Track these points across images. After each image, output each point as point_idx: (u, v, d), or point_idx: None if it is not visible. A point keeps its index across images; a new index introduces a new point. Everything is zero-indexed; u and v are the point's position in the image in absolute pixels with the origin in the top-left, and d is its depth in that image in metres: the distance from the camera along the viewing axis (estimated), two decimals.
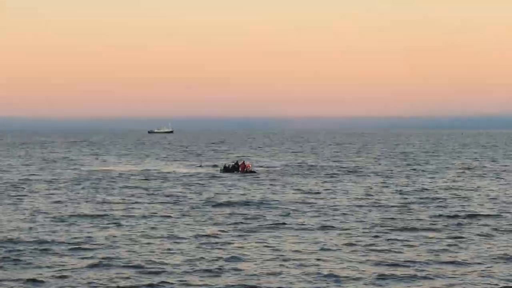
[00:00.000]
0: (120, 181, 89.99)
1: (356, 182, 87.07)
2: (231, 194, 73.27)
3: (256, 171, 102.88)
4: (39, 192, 75.36)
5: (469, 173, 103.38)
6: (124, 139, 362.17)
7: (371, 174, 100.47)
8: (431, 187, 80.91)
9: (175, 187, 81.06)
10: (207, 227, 50.40)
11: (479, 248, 42.34)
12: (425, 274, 35.72)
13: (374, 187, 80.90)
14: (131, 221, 53.53)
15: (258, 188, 78.97)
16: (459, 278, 34.92)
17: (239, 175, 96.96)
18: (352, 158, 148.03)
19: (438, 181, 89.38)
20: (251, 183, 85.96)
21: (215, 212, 58.68)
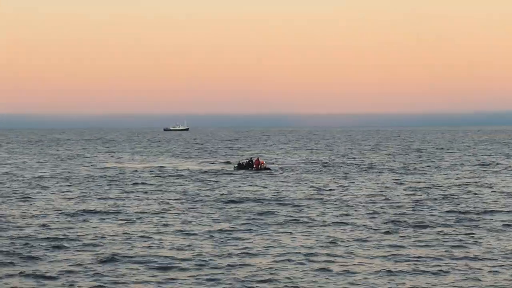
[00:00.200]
0: (134, 177, 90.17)
1: (369, 179, 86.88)
2: (244, 190, 73.28)
3: (270, 168, 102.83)
4: (52, 189, 75.60)
5: (483, 169, 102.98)
6: (139, 136, 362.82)
7: (385, 171, 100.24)
8: (445, 183, 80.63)
9: (189, 184, 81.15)
10: (219, 223, 50.42)
11: (491, 244, 42.14)
12: (437, 269, 35.59)
13: (387, 183, 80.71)
14: (143, 217, 53.61)
15: (271, 185, 78.94)
16: (471, 274, 34.76)
17: (253, 172, 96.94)
18: (367, 155, 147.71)
19: (451, 177, 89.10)
20: (265, 179, 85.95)
21: (228, 208, 58.69)
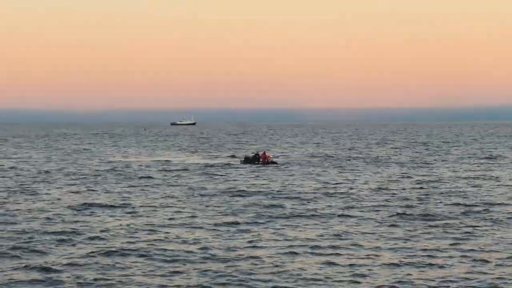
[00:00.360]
0: (140, 171, 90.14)
1: (375, 172, 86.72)
2: (251, 184, 73.16)
3: (277, 161, 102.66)
4: (58, 183, 75.57)
5: (490, 162, 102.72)
6: (146, 130, 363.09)
7: (391, 164, 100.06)
8: (451, 176, 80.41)
9: (195, 177, 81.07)
10: (225, 216, 50.31)
11: (498, 237, 41.95)
12: (443, 262, 35.42)
13: (394, 176, 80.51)
14: (149, 210, 53.55)
15: (278, 178, 78.78)
16: (478, 267, 34.58)
17: (260, 166, 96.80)
18: (373, 149, 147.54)
19: (458, 170, 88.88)
20: (271, 173, 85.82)
21: (235, 202, 58.59)
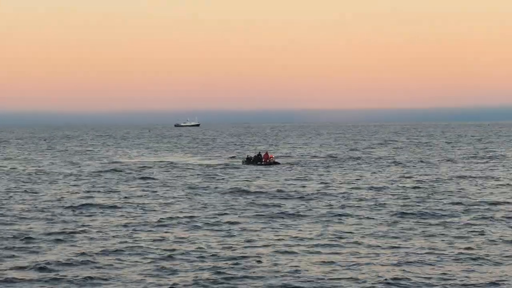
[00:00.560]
0: (141, 172, 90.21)
1: (377, 172, 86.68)
2: (252, 184, 73.17)
3: (279, 162, 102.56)
4: (60, 184, 75.67)
5: (492, 162, 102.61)
6: (150, 132, 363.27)
7: (393, 164, 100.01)
8: (451, 176, 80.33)
9: (196, 178, 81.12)
10: (226, 215, 50.35)
11: (499, 236, 41.91)
12: (443, 261, 35.40)
13: (395, 176, 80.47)
14: (149, 210, 53.59)
15: (280, 178, 78.76)
16: (476, 265, 34.58)
17: (262, 166, 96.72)
18: (375, 149, 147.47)
19: (460, 170, 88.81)
20: (273, 173, 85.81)
21: (236, 201, 58.67)
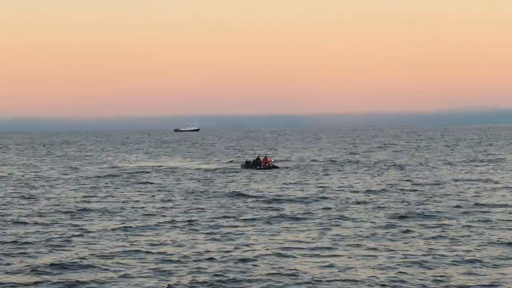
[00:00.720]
0: (139, 176, 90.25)
1: (375, 175, 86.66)
2: (250, 187, 73.20)
3: (278, 166, 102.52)
4: (59, 188, 75.71)
5: (492, 165, 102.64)
6: (150, 137, 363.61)
7: (392, 167, 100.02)
8: (449, 179, 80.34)
9: (195, 182, 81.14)
10: (224, 219, 50.30)
11: (495, 238, 41.90)
12: (439, 263, 35.44)
13: (394, 179, 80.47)
14: (147, 214, 53.61)
15: (277, 182, 78.76)
16: (474, 267, 34.56)
17: (261, 170, 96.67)
18: (374, 152, 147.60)
19: (457, 173, 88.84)
20: (272, 177, 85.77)
21: (234, 205, 58.68)
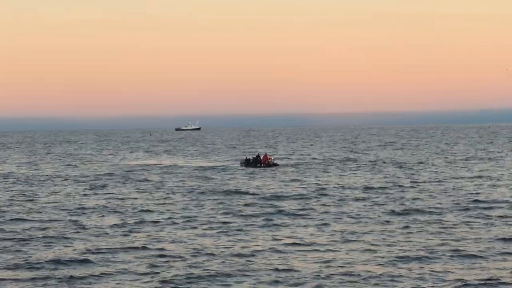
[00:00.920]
0: (139, 174, 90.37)
1: (374, 173, 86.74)
2: (248, 185, 73.26)
3: (278, 163, 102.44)
4: (57, 186, 75.84)
5: (491, 163, 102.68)
6: (152, 136, 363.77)
7: (390, 165, 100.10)
8: (449, 176, 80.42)
9: (194, 179, 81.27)
10: (223, 216, 50.51)
11: (493, 234, 41.97)
12: (436, 257, 35.57)
13: (391, 177, 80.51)
14: (146, 211, 53.72)
15: (277, 180, 78.77)
16: (472, 262, 34.68)
17: (261, 168, 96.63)
18: (374, 151, 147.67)
19: (457, 170, 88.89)
20: (270, 175, 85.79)
21: (232, 202, 58.77)
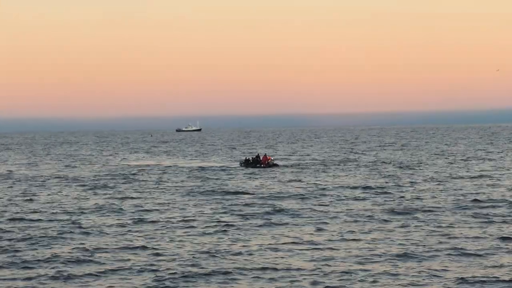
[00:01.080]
0: (138, 175, 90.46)
1: (374, 173, 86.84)
2: (248, 185, 73.42)
3: (278, 164, 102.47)
4: (56, 186, 75.93)
5: (492, 163, 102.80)
6: (152, 136, 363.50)
7: (390, 165, 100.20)
8: (448, 176, 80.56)
9: (193, 180, 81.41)
10: (221, 216, 50.47)
11: (489, 233, 42.12)
12: (434, 256, 35.75)
13: (391, 177, 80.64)
14: (146, 211, 53.83)
15: (276, 180, 78.87)
16: (470, 260, 34.86)
17: (260, 168, 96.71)
18: (373, 152, 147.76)
19: (456, 170, 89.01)
20: (270, 175, 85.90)
21: (231, 202, 58.87)
